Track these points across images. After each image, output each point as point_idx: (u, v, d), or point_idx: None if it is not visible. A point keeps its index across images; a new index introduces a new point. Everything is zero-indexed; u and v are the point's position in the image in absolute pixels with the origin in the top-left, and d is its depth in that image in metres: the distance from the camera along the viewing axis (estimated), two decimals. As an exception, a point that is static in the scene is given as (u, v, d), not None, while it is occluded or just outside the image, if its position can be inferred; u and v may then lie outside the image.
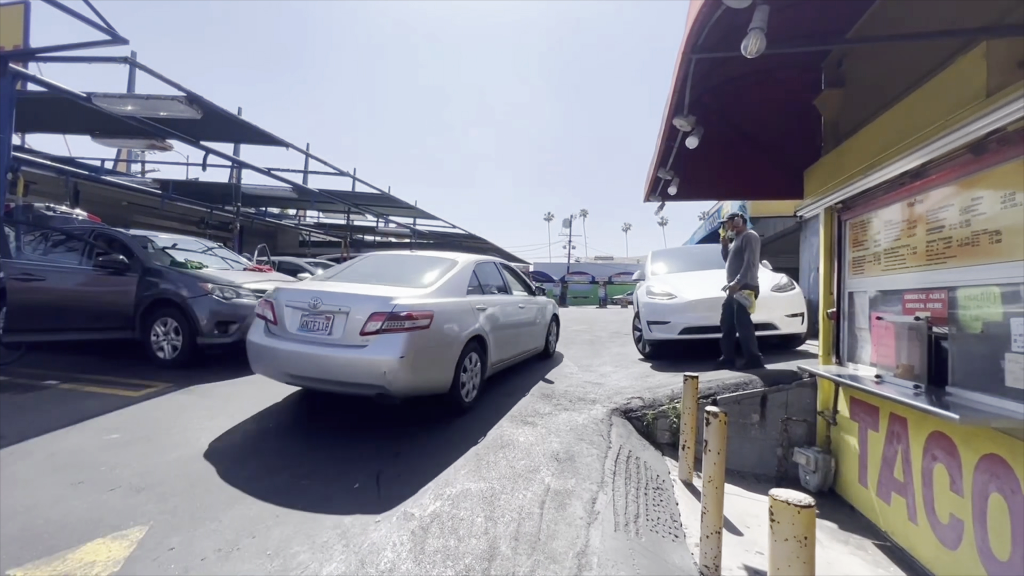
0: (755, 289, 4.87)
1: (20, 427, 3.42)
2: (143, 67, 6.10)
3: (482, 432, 3.55)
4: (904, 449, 3.18)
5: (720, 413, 2.54)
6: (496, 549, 2.19)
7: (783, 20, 2.80)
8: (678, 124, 3.25)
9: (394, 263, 4.81)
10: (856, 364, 3.95)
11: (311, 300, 3.57)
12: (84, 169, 11.38)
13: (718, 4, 2.03)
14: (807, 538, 1.38)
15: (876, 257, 3.63)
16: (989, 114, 2.27)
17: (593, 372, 5.76)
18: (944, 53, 2.85)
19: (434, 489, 2.71)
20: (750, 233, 5.05)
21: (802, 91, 4.47)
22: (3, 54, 5.30)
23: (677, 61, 2.77)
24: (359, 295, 3.56)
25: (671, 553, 2.57)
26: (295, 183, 11.97)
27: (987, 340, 2.55)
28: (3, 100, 5.24)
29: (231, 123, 7.62)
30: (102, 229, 5.91)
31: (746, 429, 4.50)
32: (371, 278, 4.08)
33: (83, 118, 7.55)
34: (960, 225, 2.73)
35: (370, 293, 3.58)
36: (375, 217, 17.80)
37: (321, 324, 3.49)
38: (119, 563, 1.99)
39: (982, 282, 2.57)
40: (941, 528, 2.80)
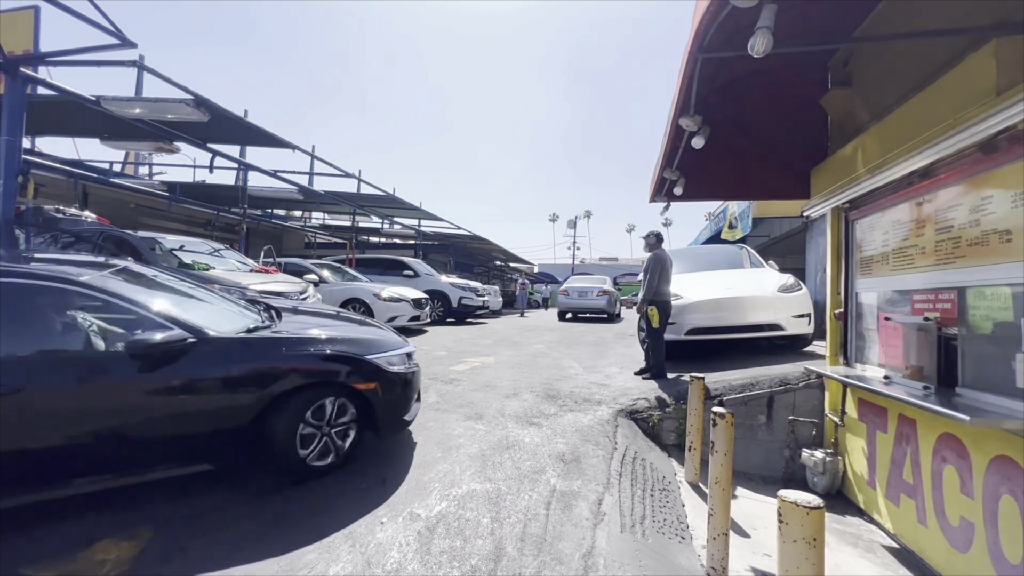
0: (659, 304, 5.08)
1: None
2: (151, 70, 6.15)
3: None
4: (913, 451, 3.15)
5: (727, 414, 2.53)
6: (502, 550, 2.19)
7: (789, 19, 2.79)
8: (684, 124, 3.25)
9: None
10: (864, 365, 3.92)
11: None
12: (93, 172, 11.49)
13: (724, 3, 2.02)
14: (816, 539, 1.37)
15: (884, 257, 3.61)
16: (999, 112, 2.25)
17: (598, 373, 5.75)
18: (952, 51, 2.83)
19: (440, 490, 2.71)
20: (657, 253, 5.21)
21: (808, 91, 4.45)
22: (14, 58, 5.36)
23: (683, 61, 2.76)
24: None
25: (678, 555, 2.56)
26: (301, 185, 12.03)
27: (997, 340, 2.52)
28: (14, 104, 5.30)
29: (238, 125, 7.67)
30: (110, 231, 5.97)
31: (753, 430, 4.48)
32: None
33: (92, 121, 7.62)
34: (969, 225, 2.71)
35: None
36: (380, 219, 17.85)
37: None
38: (129, 561, 2.01)
39: (992, 282, 2.54)
40: (951, 531, 2.77)
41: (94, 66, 5.78)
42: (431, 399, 4.46)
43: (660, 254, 5.18)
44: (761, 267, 7.01)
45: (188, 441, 2.52)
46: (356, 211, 15.99)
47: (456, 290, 12.48)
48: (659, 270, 5.08)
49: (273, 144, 8.86)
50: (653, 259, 5.16)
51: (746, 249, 7.66)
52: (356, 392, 2.94)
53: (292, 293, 6.16)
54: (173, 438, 2.48)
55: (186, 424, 2.49)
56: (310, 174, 11.77)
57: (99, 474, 2.38)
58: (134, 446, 2.42)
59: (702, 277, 6.55)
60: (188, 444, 2.53)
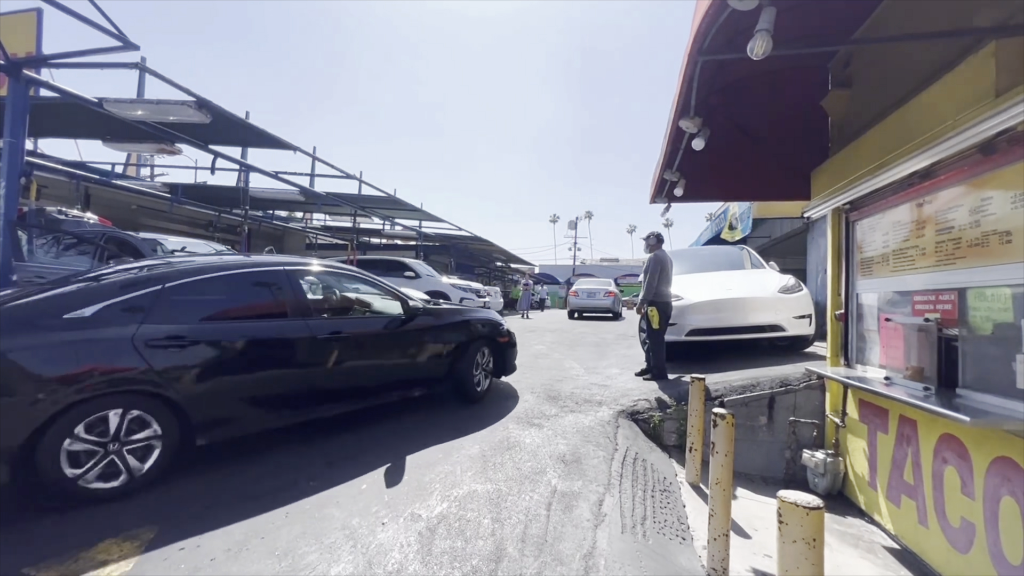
0: (659, 305, 5.10)
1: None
2: (153, 72, 6.17)
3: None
4: (914, 452, 3.16)
5: (727, 415, 2.54)
6: (503, 550, 2.19)
7: (789, 21, 2.80)
8: (684, 126, 3.26)
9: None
10: (865, 366, 3.92)
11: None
12: (95, 173, 11.52)
13: (724, 6, 2.03)
14: (816, 540, 1.37)
15: (884, 258, 3.61)
16: (999, 114, 2.25)
17: (599, 374, 5.76)
18: (952, 53, 2.84)
19: (441, 490, 2.72)
20: (657, 254, 5.23)
21: (809, 92, 4.46)
22: (17, 61, 5.38)
23: (683, 63, 2.77)
24: None
25: (678, 556, 2.56)
26: (302, 186, 12.05)
27: (998, 342, 2.52)
28: (16, 106, 5.32)
29: (239, 127, 7.68)
30: (113, 232, 5.99)
31: (754, 431, 4.48)
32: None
33: (94, 123, 7.64)
34: (970, 226, 2.71)
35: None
36: (381, 220, 17.88)
37: None
38: (130, 563, 2.02)
39: (992, 283, 2.55)
40: (952, 531, 2.78)
41: (96, 68, 5.80)
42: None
43: (660, 255, 5.20)
44: (762, 268, 7.01)
45: (412, 373, 4.09)
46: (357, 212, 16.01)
47: (457, 291, 12.49)
48: (659, 271, 5.09)
49: (274, 146, 8.87)
50: (653, 260, 5.18)
51: (747, 250, 7.66)
52: (498, 345, 4.80)
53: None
54: (405, 371, 4.05)
55: (412, 362, 4.07)
56: (311, 175, 11.79)
57: (359, 399, 3.74)
58: (375, 377, 3.83)
59: (703, 278, 6.55)
60: (413, 375, 4.10)
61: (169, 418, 2.73)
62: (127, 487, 2.57)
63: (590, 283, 16.58)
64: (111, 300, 2.71)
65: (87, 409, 2.47)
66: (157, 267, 3.09)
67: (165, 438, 2.71)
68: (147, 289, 2.84)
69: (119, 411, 2.56)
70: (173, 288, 2.93)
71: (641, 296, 5.26)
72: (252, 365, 3.10)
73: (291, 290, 3.44)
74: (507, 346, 4.91)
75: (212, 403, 2.91)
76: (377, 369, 3.84)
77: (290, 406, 3.31)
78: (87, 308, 2.64)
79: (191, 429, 2.83)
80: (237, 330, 3.08)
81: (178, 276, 3.00)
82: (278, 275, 3.44)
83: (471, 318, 4.59)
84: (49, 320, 2.53)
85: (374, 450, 3.31)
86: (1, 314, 2.48)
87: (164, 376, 2.70)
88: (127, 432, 2.59)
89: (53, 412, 2.37)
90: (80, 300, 2.67)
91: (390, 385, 3.94)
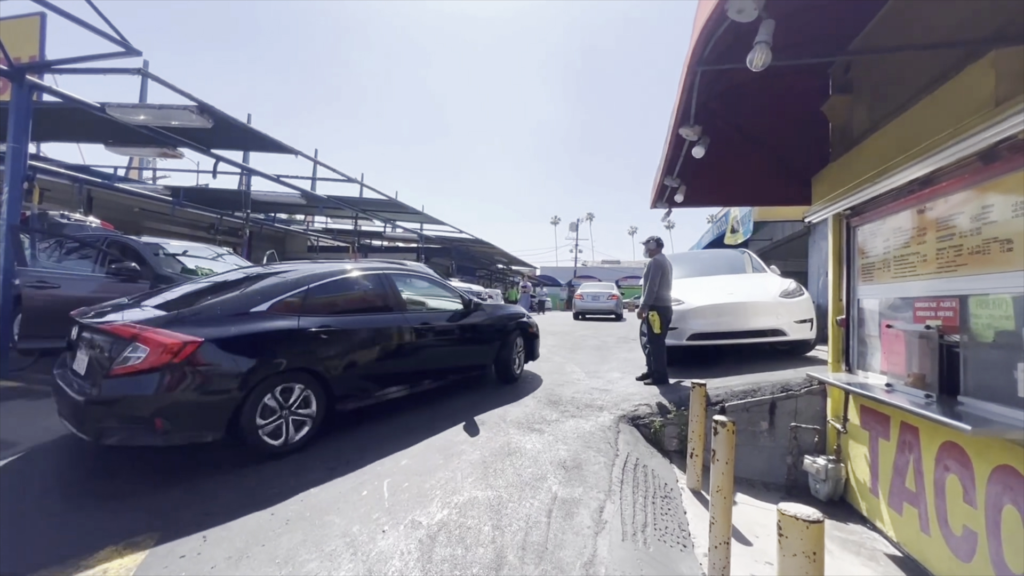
0: (660, 310, 5.12)
1: (34, 434, 3.47)
2: (155, 77, 6.20)
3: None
4: (916, 459, 3.15)
5: (728, 422, 2.53)
6: (503, 558, 2.19)
7: (789, 28, 2.81)
8: (684, 134, 3.26)
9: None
10: (866, 372, 3.91)
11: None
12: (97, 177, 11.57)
13: (723, 18, 2.04)
14: (816, 553, 1.37)
15: (886, 264, 3.61)
16: (999, 123, 2.25)
17: (600, 378, 5.75)
18: (953, 60, 2.84)
19: (441, 497, 2.72)
20: (657, 258, 5.25)
21: (809, 97, 4.46)
22: (20, 66, 5.41)
23: (683, 73, 2.78)
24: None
25: (679, 563, 2.56)
26: (304, 189, 12.09)
27: (1000, 349, 2.52)
28: (20, 111, 5.34)
29: (241, 131, 7.71)
30: (115, 236, 6.01)
31: (755, 437, 4.48)
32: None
33: (97, 127, 7.67)
34: (971, 233, 2.71)
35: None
36: (382, 222, 17.92)
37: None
38: (131, 570, 2.02)
39: (994, 291, 2.55)
40: (954, 540, 2.77)
41: (99, 73, 5.83)
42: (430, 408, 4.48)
43: (660, 259, 5.20)
44: (763, 272, 7.00)
45: (471, 358, 5.02)
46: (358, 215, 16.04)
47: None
48: (659, 275, 5.09)
49: (276, 150, 8.90)
50: (653, 264, 5.18)
51: (748, 253, 7.65)
52: (529, 335, 5.80)
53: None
54: (467, 355, 4.95)
55: (471, 348, 4.98)
56: (313, 179, 11.83)
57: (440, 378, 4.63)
58: (449, 359, 4.73)
59: (704, 282, 6.55)
60: (466, 363, 4.98)
61: (320, 392, 3.46)
62: (282, 448, 3.24)
63: (594, 287, 18.44)
64: (277, 298, 3.46)
65: (272, 381, 3.18)
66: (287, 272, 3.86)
67: (316, 413, 3.44)
68: (299, 289, 3.62)
69: (292, 384, 3.30)
70: (314, 288, 3.70)
71: (642, 301, 5.26)
72: (370, 349, 3.89)
73: (390, 289, 4.31)
74: (534, 336, 5.94)
75: (346, 379, 3.67)
76: (452, 353, 4.78)
77: (396, 382, 4.13)
78: (263, 304, 3.38)
79: (334, 400, 3.57)
80: (359, 321, 3.87)
81: (316, 279, 3.78)
82: (379, 277, 4.30)
83: (509, 313, 5.61)
84: (244, 312, 3.27)
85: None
86: (214, 307, 3.23)
87: (317, 357, 3.46)
88: (294, 404, 3.33)
89: (256, 382, 3.07)
90: (258, 298, 3.40)
91: (460, 367, 4.90)
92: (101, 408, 2.76)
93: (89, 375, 2.93)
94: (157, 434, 2.78)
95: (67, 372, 3.19)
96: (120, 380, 2.76)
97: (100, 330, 3.00)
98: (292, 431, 3.31)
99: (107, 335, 2.94)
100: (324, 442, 3.48)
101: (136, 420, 2.78)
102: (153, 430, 2.77)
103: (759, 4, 1.96)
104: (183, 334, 2.88)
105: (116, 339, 2.87)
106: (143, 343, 2.79)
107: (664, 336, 5.19)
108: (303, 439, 3.35)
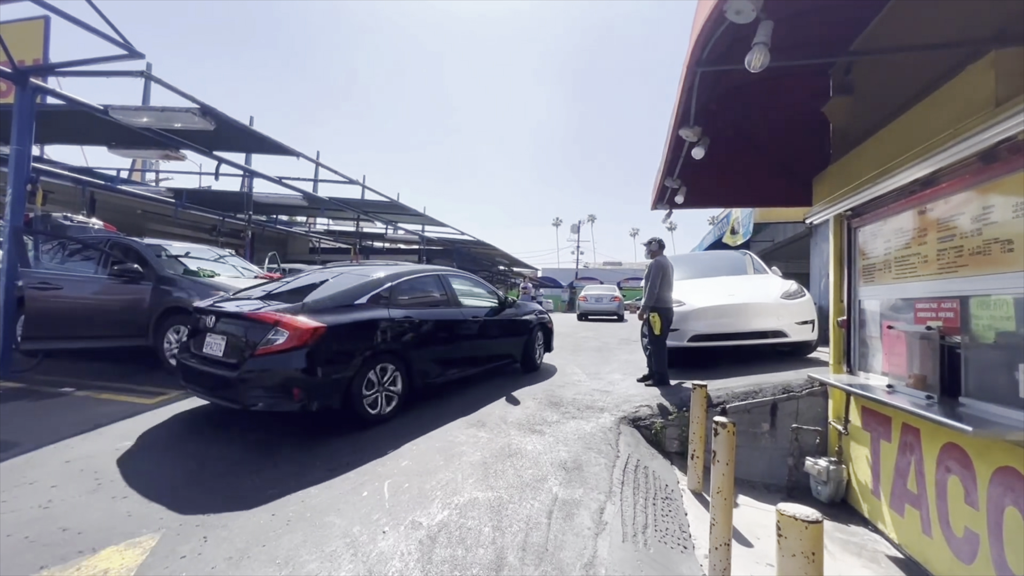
0: (661, 311, 5.13)
1: (37, 434, 3.49)
2: (158, 80, 6.23)
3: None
4: (917, 460, 3.14)
5: (728, 424, 2.53)
6: (503, 559, 2.19)
7: (788, 30, 2.81)
8: (684, 135, 3.27)
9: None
10: (868, 373, 3.91)
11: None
12: (100, 179, 11.61)
13: (722, 19, 2.04)
14: (815, 554, 1.37)
15: (887, 265, 3.60)
16: (999, 123, 2.25)
17: (601, 380, 5.75)
18: (953, 60, 2.84)
19: (442, 498, 2.72)
20: (658, 260, 5.25)
21: (810, 98, 4.47)
22: (24, 69, 5.44)
23: (682, 74, 2.78)
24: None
25: (680, 565, 2.55)
26: (305, 191, 12.12)
27: (1001, 350, 2.51)
28: (24, 113, 5.37)
29: (243, 133, 7.74)
30: (117, 238, 6.03)
31: (756, 438, 4.47)
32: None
33: (100, 129, 7.71)
34: (971, 234, 2.71)
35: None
36: (384, 224, 17.95)
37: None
38: (132, 571, 2.03)
39: (995, 292, 2.54)
40: (956, 541, 2.76)
41: (102, 76, 5.86)
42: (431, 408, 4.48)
43: (661, 261, 5.20)
44: (764, 273, 7.00)
45: (503, 349, 5.74)
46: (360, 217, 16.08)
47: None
48: (660, 277, 5.09)
49: (278, 152, 8.93)
50: (655, 266, 5.18)
51: (749, 255, 7.65)
52: (547, 329, 6.72)
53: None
54: (503, 346, 5.71)
55: (505, 340, 5.73)
56: (315, 180, 11.86)
57: (482, 364, 5.40)
58: (490, 348, 5.46)
59: (705, 283, 6.54)
60: (502, 353, 5.73)
61: (403, 372, 4.19)
62: (376, 418, 3.91)
63: (597, 289, 19.65)
64: (372, 292, 4.16)
65: (373, 361, 3.88)
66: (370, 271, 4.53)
67: (401, 390, 4.17)
68: (386, 285, 4.33)
69: (386, 364, 4.02)
70: (396, 285, 4.41)
71: (643, 302, 5.26)
72: (437, 336, 4.66)
73: (447, 286, 5.11)
74: (550, 331, 6.90)
75: (422, 362, 4.39)
76: (493, 343, 5.54)
77: (453, 366, 4.88)
78: (363, 297, 4.08)
79: (412, 378, 4.27)
80: (429, 313, 4.66)
81: (397, 277, 4.50)
82: (438, 276, 5.11)
83: (532, 309, 6.50)
84: (351, 304, 3.96)
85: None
86: (328, 300, 3.87)
87: (403, 342, 4.19)
88: (387, 381, 4.04)
89: (362, 360, 3.77)
90: (358, 292, 4.09)
91: (498, 355, 5.68)
92: (249, 381, 3.38)
93: (231, 355, 3.57)
94: (295, 402, 3.42)
95: (197, 356, 3.79)
96: (265, 358, 3.41)
97: (244, 317, 3.66)
98: (384, 404, 4.00)
99: (251, 321, 3.60)
100: (325, 440, 3.50)
101: (278, 390, 3.42)
102: (292, 398, 3.41)
103: (757, 5, 1.96)
104: (312, 321, 3.53)
105: (261, 325, 3.52)
106: (284, 328, 3.44)
107: (665, 337, 5.19)
108: (392, 411, 4.05)
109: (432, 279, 4.98)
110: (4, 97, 9.42)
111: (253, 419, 3.90)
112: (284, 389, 3.40)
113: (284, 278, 5.15)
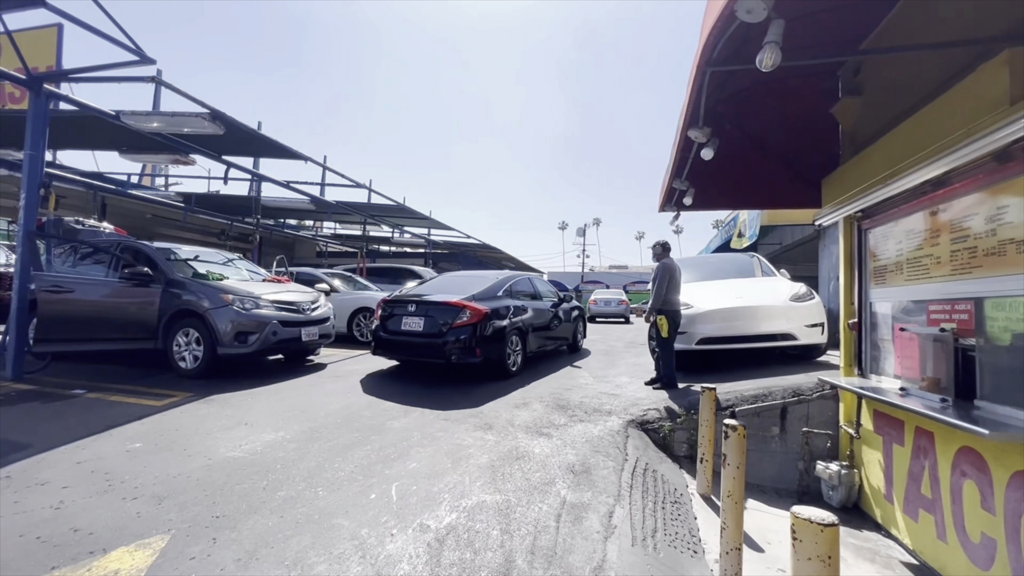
0: (669, 314, 5.11)
1: (48, 435, 3.52)
2: (169, 85, 6.30)
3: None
4: (931, 464, 3.09)
5: (739, 427, 2.51)
6: (512, 563, 2.18)
7: (799, 30, 2.80)
8: (693, 136, 3.25)
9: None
10: (879, 376, 3.86)
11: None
12: (111, 184, 11.75)
13: (732, 18, 2.03)
14: (831, 557, 1.35)
15: (898, 267, 3.56)
16: (1014, 122, 2.23)
17: (609, 383, 5.72)
18: (965, 60, 2.81)
19: (450, 500, 2.71)
20: (665, 262, 5.23)
21: (819, 100, 4.44)
22: (38, 76, 5.52)
23: (692, 74, 2.77)
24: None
25: (690, 569, 2.52)
26: (313, 195, 12.19)
27: (1017, 352, 2.47)
28: (37, 119, 5.45)
29: (252, 138, 7.81)
30: (128, 242, 6.09)
31: (766, 442, 4.42)
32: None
33: (111, 135, 7.81)
34: (986, 234, 2.67)
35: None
36: (391, 228, 18.01)
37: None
38: (142, 571, 2.03)
39: (1010, 293, 2.50)
40: (972, 547, 2.71)
41: (114, 82, 5.93)
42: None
43: (668, 263, 5.18)
44: (773, 276, 6.94)
45: (563, 333, 7.78)
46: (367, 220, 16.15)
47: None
48: (667, 279, 5.07)
49: (286, 156, 9.00)
50: (661, 268, 5.16)
51: (757, 258, 7.59)
52: (584, 320, 9.20)
53: (304, 303, 6.22)
54: (562, 331, 7.72)
55: (564, 325, 7.75)
56: (322, 184, 11.93)
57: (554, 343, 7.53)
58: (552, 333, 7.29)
59: (713, 286, 6.50)
60: (562, 336, 7.81)
61: (522, 344, 6.18)
62: (513, 373, 5.92)
63: (606, 293, 21.71)
64: (504, 287, 6.31)
65: (511, 333, 5.87)
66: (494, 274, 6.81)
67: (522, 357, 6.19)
68: (507, 284, 6.44)
69: (514, 336, 5.99)
70: (513, 283, 6.60)
71: (650, 305, 5.24)
72: (537, 319, 6.61)
73: (535, 285, 7.32)
74: (586, 322, 9.43)
75: (531, 335, 6.42)
76: (559, 328, 7.46)
77: (544, 340, 6.97)
78: (500, 291, 6.17)
79: (527, 347, 6.27)
80: (531, 304, 6.65)
81: (511, 278, 6.69)
82: (529, 278, 7.28)
83: (574, 304, 8.56)
84: (496, 296, 6.04)
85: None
86: (486, 292, 5.94)
87: (524, 322, 6.19)
88: (516, 348, 6.08)
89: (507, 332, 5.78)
90: (497, 288, 6.19)
91: (562, 337, 7.75)
92: (450, 345, 5.29)
93: (431, 328, 5.47)
94: (478, 358, 5.35)
95: (395, 332, 5.71)
96: (459, 329, 5.34)
97: (439, 304, 5.58)
98: (518, 361, 6.09)
99: (446, 306, 5.50)
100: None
101: (468, 350, 5.30)
102: (475, 355, 5.33)
103: (768, 4, 1.95)
104: (482, 305, 5.52)
105: (454, 308, 5.46)
106: (467, 310, 5.41)
107: (673, 340, 5.16)
108: (517, 369, 6.03)
109: (526, 280, 7.08)
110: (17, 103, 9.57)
111: (265, 417, 3.91)
112: (470, 349, 5.29)
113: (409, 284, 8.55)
